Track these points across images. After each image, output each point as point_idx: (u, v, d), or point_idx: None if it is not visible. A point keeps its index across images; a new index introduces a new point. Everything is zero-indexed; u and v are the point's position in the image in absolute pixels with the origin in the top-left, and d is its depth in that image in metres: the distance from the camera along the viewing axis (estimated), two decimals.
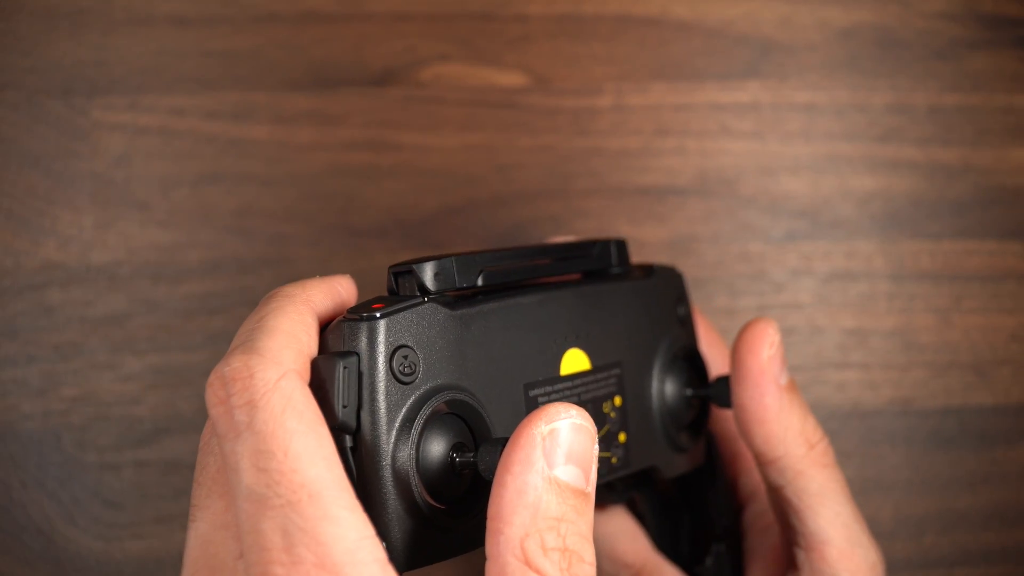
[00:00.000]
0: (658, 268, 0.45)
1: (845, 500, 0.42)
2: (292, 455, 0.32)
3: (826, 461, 0.42)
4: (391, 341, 0.34)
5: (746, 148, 0.57)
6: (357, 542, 0.32)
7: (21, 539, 0.54)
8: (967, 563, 0.57)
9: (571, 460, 0.33)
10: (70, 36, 0.55)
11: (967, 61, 0.58)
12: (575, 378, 0.40)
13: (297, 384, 0.33)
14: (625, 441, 0.42)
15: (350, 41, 0.56)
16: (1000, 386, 0.58)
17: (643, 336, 0.43)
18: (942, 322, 0.57)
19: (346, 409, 0.34)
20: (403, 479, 0.34)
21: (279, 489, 0.32)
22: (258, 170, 0.55)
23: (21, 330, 0.54)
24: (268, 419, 0.32)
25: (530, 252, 0.40)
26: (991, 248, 0.58)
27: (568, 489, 0.33)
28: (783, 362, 0.43)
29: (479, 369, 0.36)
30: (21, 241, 0.54)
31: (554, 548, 0.32)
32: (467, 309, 0.36)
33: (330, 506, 0.32)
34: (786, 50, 0.58)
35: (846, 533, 0.42)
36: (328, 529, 0.32)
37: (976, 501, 0.57)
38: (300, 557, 0.32)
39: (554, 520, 0.32)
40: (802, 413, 0.42)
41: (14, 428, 0.54)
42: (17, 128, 0.55)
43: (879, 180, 0.58)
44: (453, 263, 0.37)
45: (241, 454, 0.33)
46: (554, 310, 0.39)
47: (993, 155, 0.58)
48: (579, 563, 0.32)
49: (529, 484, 0.32)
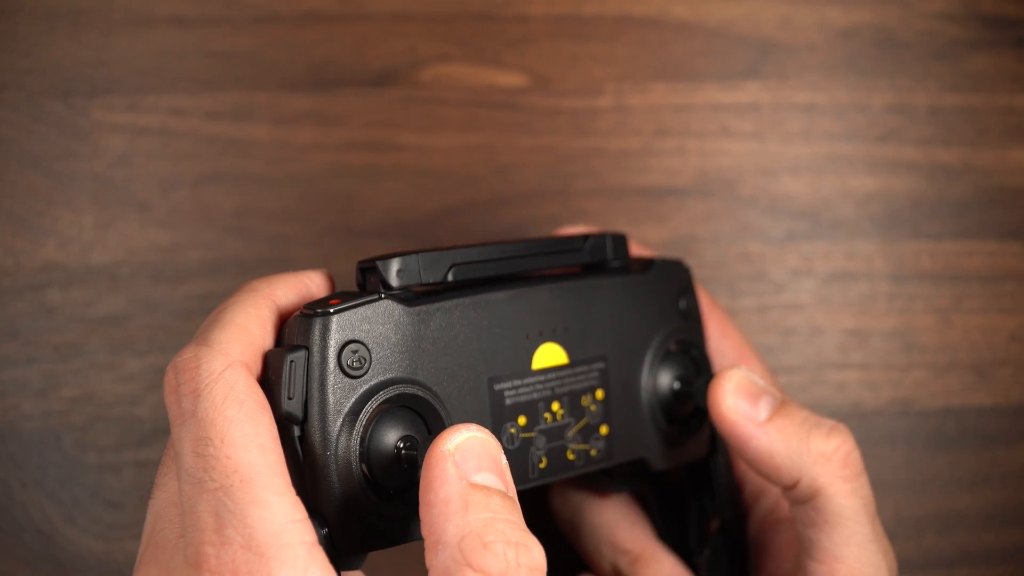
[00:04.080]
0: (659, 262, 0.45)
1: (864, 518, 0.41)
2: (228, 442, 0.34)
3: (846, 472, 0.41)
4: (340, 337, 0.35)
5: (746, 148, 0.57)
6: (284, 525, 0.33)
7: (21, 539, 0.54)
8: (967, 563, 0.57)
9: (483, 468, 0.34)
10: (70, 36, 0.55)
11: (967, 61, 0.58)
12: (549, 372, 0.40)
13: (241, 375, 0.35)
14: (607, 434, 0.42)
15: (350, 41, 0.56)
16: (1000, 386, 0.58)
17: (634, 329, 0.43)
18: (942, 322, 0.57)
19: (291, 400, 0.35)
20: (346, 468, 0.36)
21: (214, 474, 0.34)
22: (258, 170, 0.55)
23: (21, 330, 0.54)
24: (209, 407, 0.35)
25: (508, 248, 0.40)
26: (991, 248, 0.58)
27: (491, 491, 0.33)
28: (755, 395, 0.42)
29: (437, 364, 0.37)
30: (21, 241, 0.54)
31: (495, 541, 0.32)
32: (426, 306, 0.37)
33: (259, 491, 0.34)
34: (786, 50, 0.58)
35: (858, 553, 0.41)
36: (256, 512, 0.33)
37: (976, 501, 0.57)
38: (229, 538, 0.33)
39: (487, 518, 0.33)
40: (802, 431, 0.41)
41: (14, 428, 0.54)
42: (17, 128, 0.55)
43: (879, 180, 0.58)
44: (418, 260, 0.38)
45: (184, 439, 0.35)
46: (528, 305, 0.40)
47: (993, 155, 0.58)
48: (526, 552, 0.33)
49: (452, 493, 0.33)
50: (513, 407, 0.40)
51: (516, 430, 0.40)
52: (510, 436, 0.39)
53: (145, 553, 0.36)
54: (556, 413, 0.41)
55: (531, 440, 0.40)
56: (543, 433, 0.40)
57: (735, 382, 0.42)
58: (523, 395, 0.40)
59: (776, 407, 0.42)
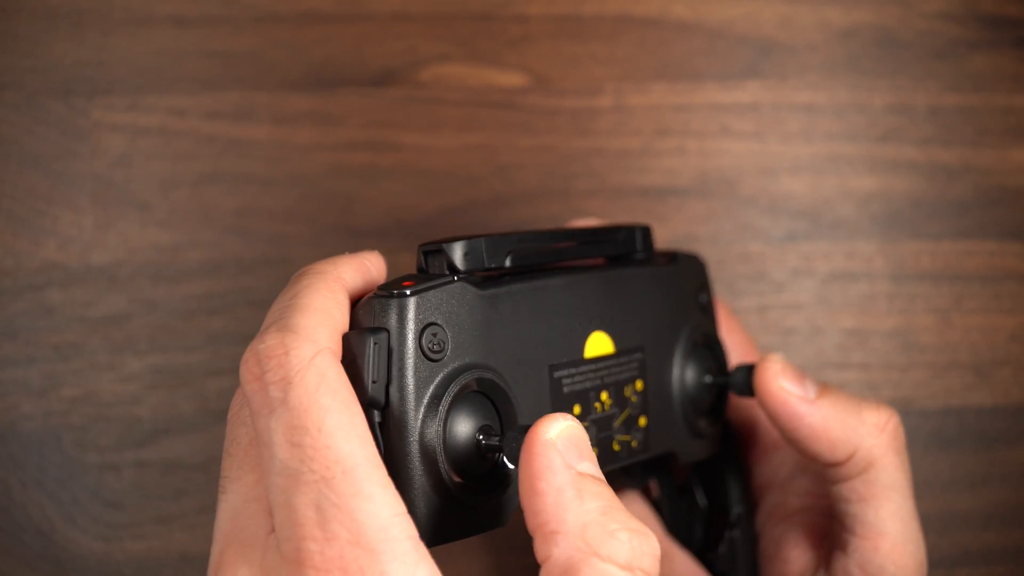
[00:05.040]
0: (681, 255, 0.45)
1: (908, 495, 0.43)
2: (326, 431, 0.33)
3: (897, 445, 0.43)
4: (421, 318, 0.34)
5: (746, 148, 0.57)
6: (390, 519, 0.32)
7: (21, 539, 0.54)
8: (967, 563, 0.57)
9: (583, 457, 0.33)
10: (70, 36, 0.55)
11: (967, 61, 0.58)
12: (598, 361, 0.40)
13: (331, 361, 0.34)
14: (646, 425, 0.42)
15: (350, 41, 0.56)
16: (1000, 386, 0.58)
17: (665, 322, 0.43)
18: (942, 322, 0.57)
19: (375, 385, 0.34)
20: (430, 455, 0.35)
21: (313, 465, 0.32)
22: (258, 170, 0.55)
23: (21, 330, 0.54)
24: (303, 395, 0.33)
25: (557, 235, 0.40)
26: (991, 248, 0.58)
27: (597, 480, 0.33)
28: (800, 377, 0.43)
29: (506, 349, 0.37)
30: (21, 241, 0.54)
31: (618, 528, 0.32)
32: (496, 289, 0.37)
33: (364, 483, 0.32)
34: (786, 50, 0.58)
35: (902, 528, 0.42)
36: (362, 506, 0.32)
37: (976, 501, 0.57)
38: (334, 533, 0.32)
39: (604, 506, 0.33)
40: (852, 405, 0.43)
41: (14, 428, 0.54)
42: (17, 128, 0.55)
43: (879, 180, 0.58)
44: (483, 243, 0.37)
45: (275, 429, 0.33)
46: (579, 293, 0.39)
47: (993, 155, 0.58)
48: (647, 539, 0.32)
49: (565, 483, 0.33)
50: (570, 395, 0.39)
51: None
52: None
53: (226, 552, 0.35)
54: (605, 403, 0.40)
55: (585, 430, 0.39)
56: (594, 423, 0.40)
57: (780, 365, 0.43)
58: (578, 383, 0.39)
59: (822, 386, 0.43)
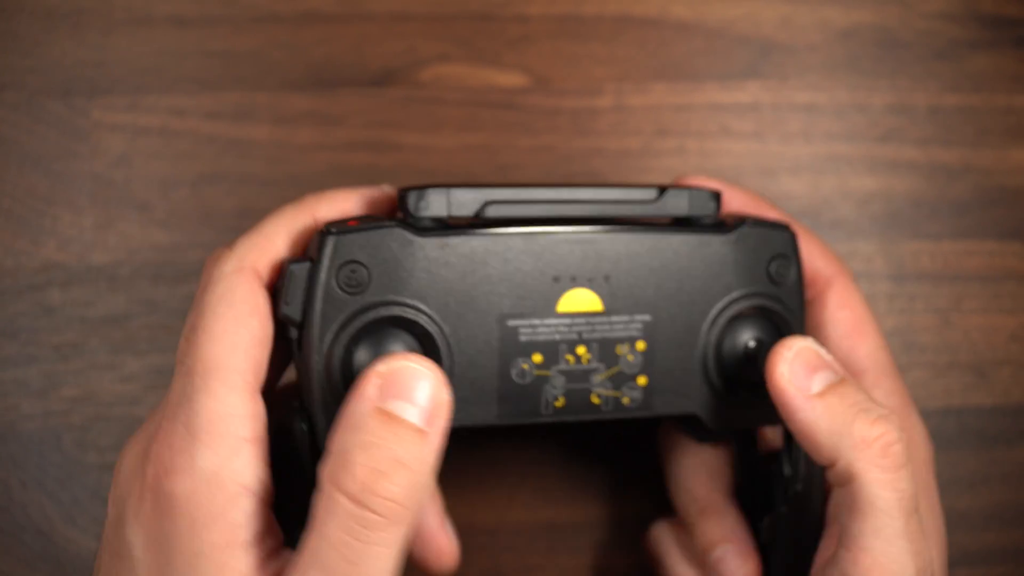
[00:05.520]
0: (751, 222, 0.44)
1: (897, 513, 0.40)
2: (205, 332, 0.38)
3: (884, 463, 0.40)
4: (340, 255, 0.39)
5: (746, 148, 0.57)
6: (223, 416, 0.37)
7: (21, 539, 0.54)
8: (967, 563, 0.57)
9: (401, 396, 0.36)
10: (70, 36, 0.55)
11: (967, 61, 0.58)
12: (577, 316, 0.41)
13: (245, 279, 0.39)
14: (646, 385, 0.43)
15: (350, 41, 0.56)
16: (1000, 386, 0.58)
17: (698, 287, 0.43)
18: (942, 322, 0.58)
19: (288, 306, 0.39)
20: (332, 374, 0.39)
21: (187, 359, 0.38)
22: (258, 170, 0.55)
23: (21, 330, 0.54)
24: (207, 300, 0.39)
25: (554, 191, 0.41)
26: (991, 248, 0.58)
27: (397, 420, 0.36)
28: (811, 370, 0.41)
29: (445, 293, 0.40)
30: (21, 241, 0.54)
31: (359, 464, 0.35)
32: (440, 237, 0.40)
33: (213, 381, 0.37)
34: (786, 50, 0.58)
35: (885, 547, 0.40)
36: (202, 399, 0.37)
37: (976, 501, 0.57)
38: (176, 415, 0.38)
39: (367, 442, 0.35)
40: (848, 413, 0.40)
41: (14, 428, 0.54)
42: (17, 128, 0.55)
43: (879, 180, 0.58)
44: (447, 193, 0.40)
45: (186, 324, 0.39)
46: (563, 248, 0.41)
47: (993, 155, 0.58)
48: (383, 481, 0.35)
49: (356, 413, 0.36)
50: (528, 344, 0.41)
51: (529, 366, 0.41)
52: (521, 371, 0.41)
53: (145, 424, 0.40)
54: (582, 357, 0.42)
55: (547, 378, 0.41)
56: (563, 374, 0.41)
57: (795, 350, 0.41)
58: (542, 334, 0.41)
59: (832, 384, 0.41)
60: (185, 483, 0.37)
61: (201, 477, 0.37)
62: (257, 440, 0.38)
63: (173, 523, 0.37)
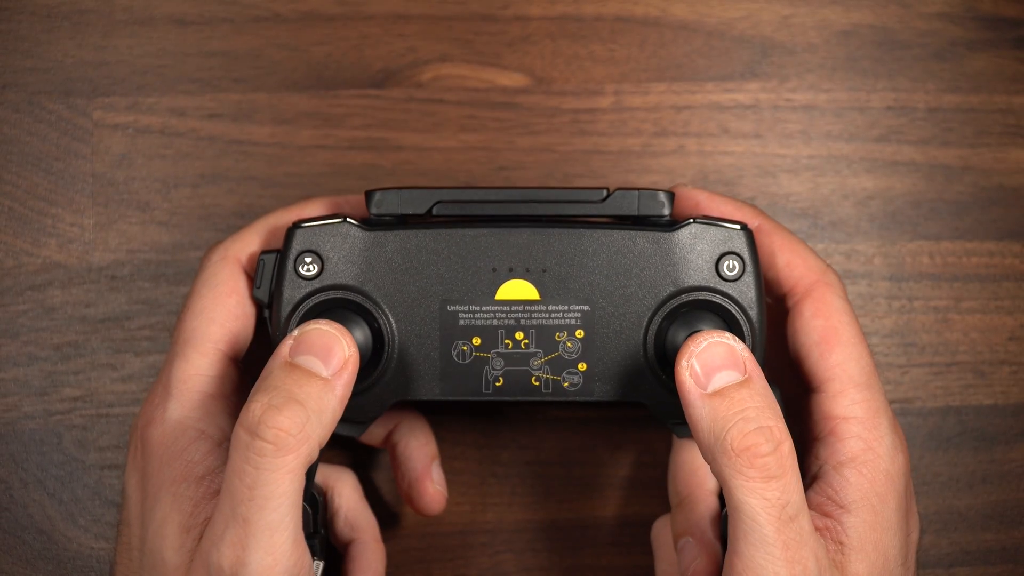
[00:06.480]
0: (698, 221, 0.45)
1: (765, 521, 0.40)
2: (189, 310, 0.46)
3: (751, 472, 0.40)
4: (298, 246, 0.45)
5: (746, 149, 0.57)
6: (192, 375, 0.44)
7: (21, 539, 0.54)
8: (967, 563, 0.57)
9: (310, 352, 0.41)
10: (71, 37, 0.55)
11: (967, 62, 0.58)
12: (514, 304, 0.45)
13: (227, 266, 0.46)
14: (585, 371, 0.45)
15: (350, 42, 0.56)
16: (1000, 386, 0.58)
17: (638, 282, 0.45)
18: (941, 322, 0.58)
19: (259, 289, 0.45)
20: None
21: (175, 332, 0.46)
22: (259, 171, 0.55)
23: (22, 330, 0.54)
24: (196, 283, 0.46)
25: (500, 193, 0.45)
26: (991, 248, 0.58)
27: (300, 369, 0.41)
28: (715, 367, 0.41)
29: (389, 281, 0.45)
30: (22, 241, 0.54)
31: (258, 402, 0.39)
32: (384, 232, 0.45)
33: (189, 349, 0.45)
34: (786, 51, 0.58)
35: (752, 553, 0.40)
36: (178, 363, 0.45)
37: (976, 501, 0.57)
38: (159, 379, 0.45)
39: (269, 386, 0.40)
40: (728, 420, 0.40)
41: (15, 428, 0.54)
42: (18, 128, 0.55)
43: (879, 180, 0.58)
44: (399, 194, 0.45)
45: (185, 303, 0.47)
46: (501, 243, 0.45)
47: (993, 155, 0.58)
48: (274, 414, 0.39)
49: (269, 367, 0.41)
50: (467, 328, 0.45)
51: (468, 348, 0.45)
52: (461, 352, 0.45)
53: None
54: (520, 342, 0.45)
55: (487, 360, 0.45)
56: (501, 356, 0.45)
57: (704, 345, 0.41)
58: (480, 320, 0.45)
59: (730, 385, 0.41)
60: (158, 430, 0.44)
61: (170, 424, 0.44)
62: (223, 396, 0.45)
63: (148, 463, 0.44)
